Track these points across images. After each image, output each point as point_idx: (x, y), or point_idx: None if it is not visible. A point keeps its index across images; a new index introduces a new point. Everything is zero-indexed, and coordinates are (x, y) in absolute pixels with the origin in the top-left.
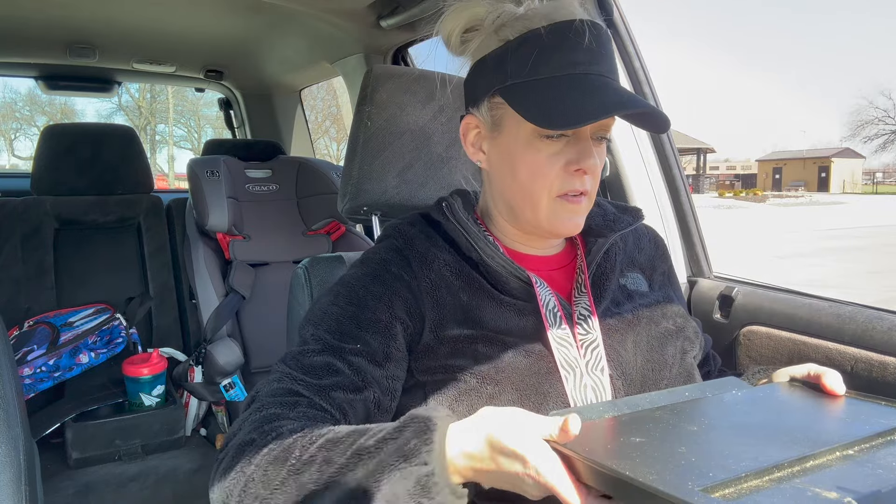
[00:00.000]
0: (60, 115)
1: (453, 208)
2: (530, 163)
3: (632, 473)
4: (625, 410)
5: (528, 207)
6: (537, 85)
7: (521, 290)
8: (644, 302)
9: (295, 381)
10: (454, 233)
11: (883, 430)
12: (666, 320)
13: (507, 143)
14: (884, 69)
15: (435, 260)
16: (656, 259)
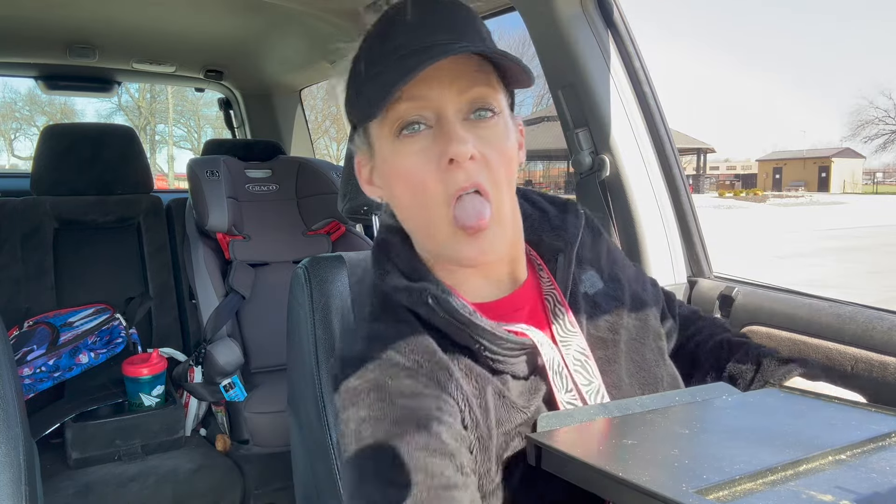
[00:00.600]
0: (60, 115)
1: (444, 302)
2: (401, 170)
3: (625, 475)
4: (615, 413)
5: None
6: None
7: (524, 366)
8: (612, 307)
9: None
10: (443, 325)
11: (875, 435)
12: (630, 318)
13: (381, 162)
14: (884, 69)
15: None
16: (595, 243)
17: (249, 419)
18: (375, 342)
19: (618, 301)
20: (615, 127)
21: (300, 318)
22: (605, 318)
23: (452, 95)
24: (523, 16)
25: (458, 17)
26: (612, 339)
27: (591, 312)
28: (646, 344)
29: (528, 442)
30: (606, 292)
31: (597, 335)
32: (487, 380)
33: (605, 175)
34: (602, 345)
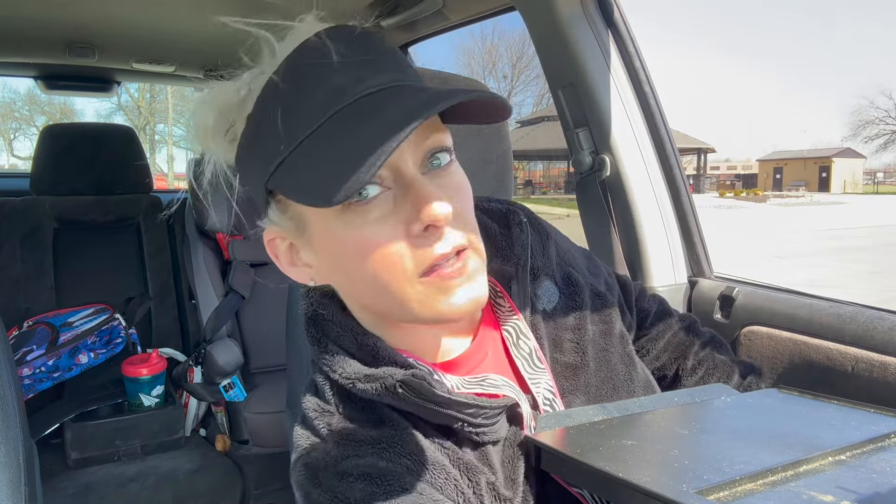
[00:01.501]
0: (60, 114)
1: (413, 387)
2: (356, 246)
3: (625, 475)
4: (615, 414)
5: (394, 302)
6: (300, 152)
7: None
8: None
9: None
10: (416, 409)
11: (875, 436)
12: (594, 325)
13: (321, 238)
14: (884, 69)
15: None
16: (545, 248)
17: (249, 419)
18: (351, 447)
19: (578, 308)
20: (615, 127)
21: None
22: (569, 337)
23: (409, 147)
24: (523, 16)
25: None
26: (581, 362)
27: (553, 335)
28: (613, 353)
29: (528, 443)
30: (566, 303)
31: (563, 360)
32: (478, 470)
33: (605, 175)
34: (571, 373)
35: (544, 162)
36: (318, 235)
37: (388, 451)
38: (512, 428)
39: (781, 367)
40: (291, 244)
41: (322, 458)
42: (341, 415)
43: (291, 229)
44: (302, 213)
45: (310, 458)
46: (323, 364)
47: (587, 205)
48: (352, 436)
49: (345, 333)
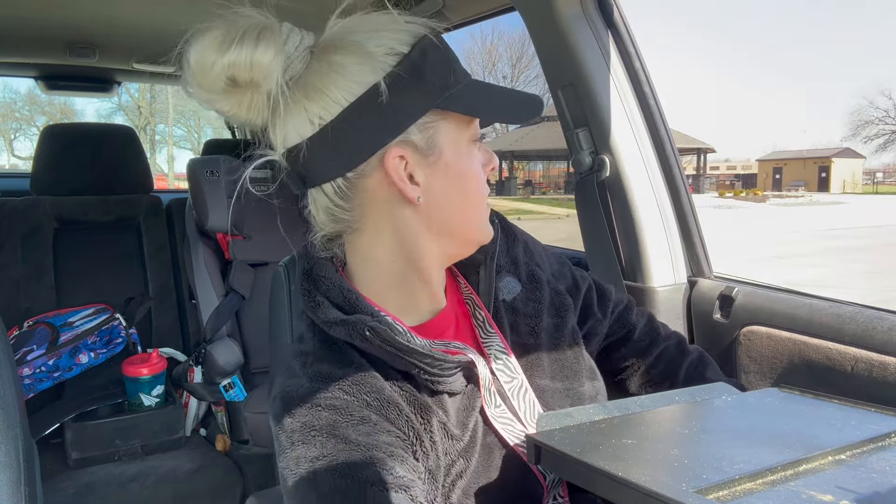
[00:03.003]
0: (60, 114)
1: (378, 333)
2: (475, 173)
3: (624, 474)
4: (615, 413)
5: (475, 222)
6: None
7: (460, 382)
8: (529, 310)
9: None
10: (382, 354)
11: (875, 435)
12: (550, 316)
13: (450, 160)
14: (884, 69)
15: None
16: (511, 247)
17: (249, 419)
18: (322, 382)
19: (536, 302)
20: (615, 127)
21: (281, 315)
22: (526, 322)
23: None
24: (523, 16)
25: None
26: (534, 344)
27: (512, 320)
28: (564, 341)
29: (528, 442)
30: (526, 296)
31: (518, 341)
32: (431, 411)
33: (605, 175)
34: (524, 350)
35: (544, 162)
36: (450, 159)
37: (353, 387)
38: (469, 386)
39: (781, 366)
40: (408, 164)
41: (296, 391)
42: (317, 356)
43: (424, 149)
44: (436, 138)
45: (285, 392)
46: (309, 311)
47: (585, 205)
48: (323, 373)
49: (333, 288)
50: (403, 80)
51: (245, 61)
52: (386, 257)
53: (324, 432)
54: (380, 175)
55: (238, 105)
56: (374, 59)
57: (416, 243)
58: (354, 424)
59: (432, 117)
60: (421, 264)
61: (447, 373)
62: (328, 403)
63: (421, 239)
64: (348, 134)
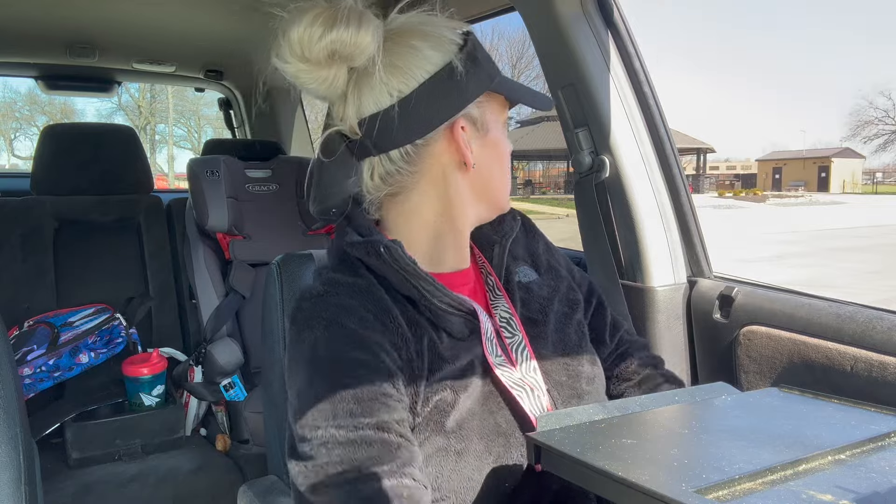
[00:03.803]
0: (60, 114)
1: (393, 252)
2: (507, 150)
3: (624, 474)
4: (615, 413)
5: (504, 192)
6: (504, 79)
7: (461, 326)
8: (543, 293)
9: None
10: (391, 274)
11: (875, 435)
12: (561, 304)
13: (495, 137)
14: (884, 69)
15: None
16: (530, 242)
17: (249, 419)
18: (332, 286)
19: (551, 289)
20: (615, 127)
21: (272, 310)
22: (537, 301)
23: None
24: (523, 16)
25: None
26: (542, 320)
27: (524, 297)
28: (570, 326)
29: (527, 442)
30: (541, 282)
31: (527, 315)
32: (425, 329)
33: (604, 176)
34: (532, 323)
35: (544, 162)
36: (493, 135)
37: (358, 294)
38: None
39: (781, 366)
40: (468, 134)
41: (309, 292)
42: (332, 269)
43: (478, 123)
44: (486, 116)
45: (301, 294)
46: (338, 238)
47: (584, 205)
48: (335, 279)
49: (364, 224)
50: (467, 65)
51: (350, 39)
52: (430, 215)
53: (325, 320)
54: (444, 143)
55: (322, 80)
56: (443, 46)
57: (460, 204)
58: (353, 319)
59: (485, 98)
60: (458, 223)
61: (448, 309)
62: (335, 301)
63: (465, 201)
64: (423, 106)
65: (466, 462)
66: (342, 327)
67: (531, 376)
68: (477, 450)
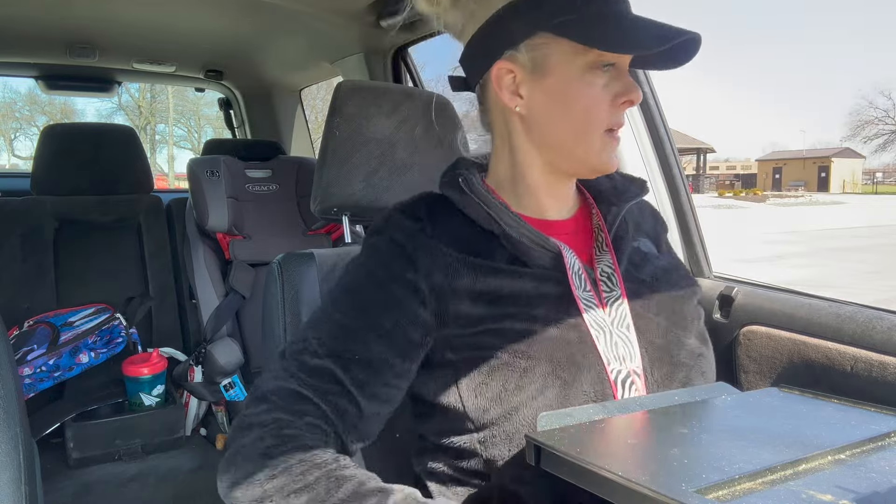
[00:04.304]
0: (60, 114)
1: (471, 183)
2: (587, 96)
3: (624, 474)
4: (615, 413)
5: (582, 144)
6: (594, 18)
7: (546, 259)
8: (659, 263)
9: (300, 384)
10: (471, 208)
11: (875, 435)
12: (681, 280)
13: (557, 81)
14: (883, 68)
15: (440, 251)
16: (658, 229)
17: None
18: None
19: (671, 265)
20: None
21: (272, 308)
22: (650, 265)
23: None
24: None
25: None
26: (651, 283)
27: (637, 260)
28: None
29: (527, 442)
30: (659, 256)
31: (636, 275)
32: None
33: None
34: (638, 283)
35: None
36: (556, 80)
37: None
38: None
39: (781, 366)
40: (516, 77)
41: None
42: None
43: (529, 67)
44: (547, 59)
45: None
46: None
47: None
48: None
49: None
50: (522, 4)
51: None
52: (506, 159)
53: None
54: (494, 85)
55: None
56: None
57: (520, 149)
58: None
59: (544, 39)
60: (523, 169)
61: (530, 244)
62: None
63: (524, 146)
64: (478, 47)
65: (531, 381)
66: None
67: (621, 331)
68: (544, 371)
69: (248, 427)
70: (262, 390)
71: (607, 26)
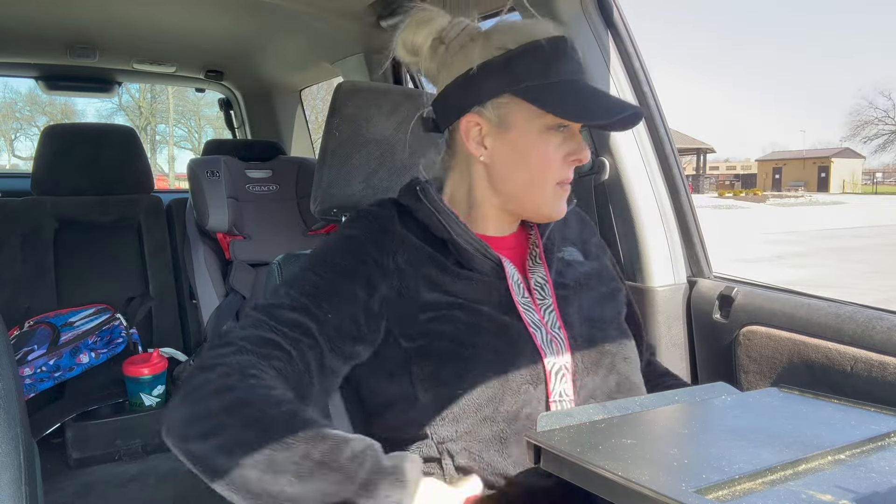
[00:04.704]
0: (61, 115)
1: (427, 192)
2: (543, 152)
3: (624, 474)
4: (615, 413)
5: (535, 193)
6: (553, 88)
7: (488, 268)
8: (582, 270)
9: (271, 331)
10: (426, 215)
11: (874, 435)
12: (602, 285)
13: (518, 136)
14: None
15: (406, 239)
16: (584, 233)
17: None
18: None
19: (593, 270)
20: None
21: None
22: (573, 274)
23: None
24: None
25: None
26: (575, 287)
27: (561, 269)
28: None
29: (527, 442)
30: (583, 263)
31: (560, 281)
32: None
33: (604, 177)
34: (563, 288)
35: None
36: (516, 137)
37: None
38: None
39: (780, 366)
40: (482, 129)
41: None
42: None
43: (494, 123)
44: (509, 117)
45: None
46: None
47: (580, 205)
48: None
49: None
50: (493, 67)
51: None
52: (459, 189)
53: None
54: (462, 132)
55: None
56: (488, 49)
57: (478, 189)
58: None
59: (510, 99)
60: (477, 203)
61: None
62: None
63: (483, 188)
64: (451, 97)
65: (475, 367)
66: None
67: (554, 331)
68: (487, 359)
69: (211, 367)
70: (231, 336)
71: (565, 97)
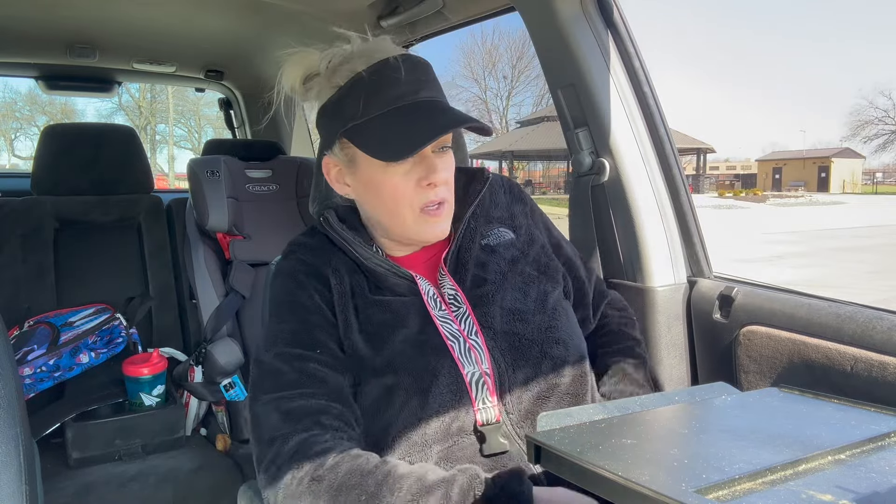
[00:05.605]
0: (61, 114)
1: (329, 222)
2: (391, 183)
3: (624, 474)
4: (615, 413)
5: (397, 223)
6: (370, 124)
7: (403, 287)
8: (508, 254)
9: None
10: (339, 242)
11: (874, 435)
12: (528, 266)
13: (365, 174)
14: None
15: (337, 267)
16: (512, 205)
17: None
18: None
19: (519, 251)
20: (615, 127)
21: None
22: (496, 265)
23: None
24: (523, 16)
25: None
26: (495, 280)
27: (484, 259)
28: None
29: (527, 442)
30: (510, 244)
31: (480, 276)
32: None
33: (604, 178)
34: (482, 285)
35: (544, 162)
36: (364, 173)
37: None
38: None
39: (781, 366)
40: (340, 169)
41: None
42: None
43: (345, 162)
44: (356, 155)
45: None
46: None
47: (576, 205)
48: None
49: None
50: (328, 110)
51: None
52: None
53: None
54: (325, 176)
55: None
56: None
57: (365, 219)
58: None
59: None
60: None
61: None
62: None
63: (367, 219)
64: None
65: (397, 395)
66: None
67: (472, 338)
68: (406, 385)
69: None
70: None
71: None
